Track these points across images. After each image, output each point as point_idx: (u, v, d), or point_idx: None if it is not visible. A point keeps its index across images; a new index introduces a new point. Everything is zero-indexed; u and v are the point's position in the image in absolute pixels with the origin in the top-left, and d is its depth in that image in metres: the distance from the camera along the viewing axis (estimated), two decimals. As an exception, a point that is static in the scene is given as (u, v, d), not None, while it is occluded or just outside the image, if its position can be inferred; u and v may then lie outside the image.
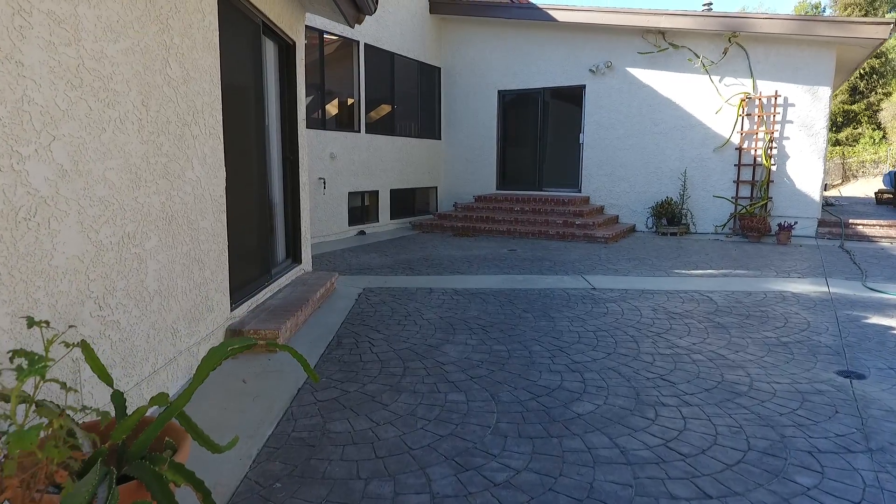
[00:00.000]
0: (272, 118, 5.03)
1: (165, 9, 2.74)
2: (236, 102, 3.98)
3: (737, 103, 9.44)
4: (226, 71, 3.62)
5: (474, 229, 10.07)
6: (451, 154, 12.25)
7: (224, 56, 3.54)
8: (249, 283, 4.13)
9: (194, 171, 3.06)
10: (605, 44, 10.36)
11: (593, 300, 5.11)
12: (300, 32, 5.25)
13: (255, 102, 4.33)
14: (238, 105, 4.03)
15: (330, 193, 9.19)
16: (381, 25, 10.04)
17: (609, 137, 10.58)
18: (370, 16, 5.28)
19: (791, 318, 4.56)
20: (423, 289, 5.55)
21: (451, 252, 8.06)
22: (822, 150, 8.99)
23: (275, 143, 5.09)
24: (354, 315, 4.59)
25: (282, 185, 5.25)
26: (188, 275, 3.01)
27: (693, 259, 7.34)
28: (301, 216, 5.45)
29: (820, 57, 8.84)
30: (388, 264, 7.07)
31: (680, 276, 6.23)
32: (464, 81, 11.91)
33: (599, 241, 8.97)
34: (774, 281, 5.98)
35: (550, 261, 7.26)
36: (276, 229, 5.09)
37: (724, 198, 9.66)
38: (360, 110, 9.80)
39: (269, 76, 4.92)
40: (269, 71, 4.88)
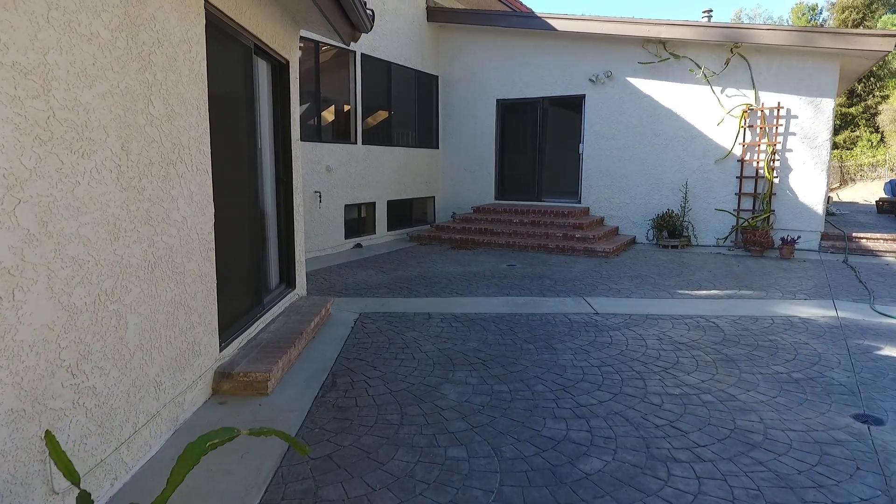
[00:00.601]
0: (265, 140, 4.87)
1: (148, 44, 2.57)
2: (227, 130, 3.82)
3: (739, 115, 9.31)
4: (215, 100, 3.46)
5: (473, 242, 9.92)
6: (449, 164, 12.09)
7: (213, 85, 3.38)
8: (240, 318, 3.96)
9: (180, 211, 2.89)
10: (604, 53, 10.22)
11: (596, 328, 4.96)
12: (294, 51, 5.09)
13: (247, 128, 4.17)
14: (229, 133, 3.86)
15: (326, 207, 9.02)
16: (377, 34, 9.88)
17: (609, 148, 10.44)
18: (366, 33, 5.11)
19: (801, 348, 4.42)
20: (421, 314, 5.40)
21: (450, 268, 7.91)
22: (825, 162, 8.87)
23: (268, 165, 4.92)
24: (350, 347, 4.43)
25: (275, 209, 5.09)
26: (173, 322, 2.84)
27: (696, 277, 7.20)
28: (295, 239, 5.29)
29: (823, 68, 8.71)
30: (386, 283, 6.91)
31: (684, 298, 6.08)
32: (462, 90, 11.75)
33: (600, 255, 8.83)
34: (781, 303, 5.84)
35: (551, 279, 7.11)
36: (269, 256, 4.93)
37: (727, 211, 9.53)
38: (356, 121, 9.64)
39: (262, 97, 4.76)
40: (261, 92, 4.72)
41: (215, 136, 3.52)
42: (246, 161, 4.18)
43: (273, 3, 4.34)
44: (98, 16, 2.19)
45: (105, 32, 2.23)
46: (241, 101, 4.06)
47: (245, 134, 4.14)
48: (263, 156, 4.84)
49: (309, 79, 8.65)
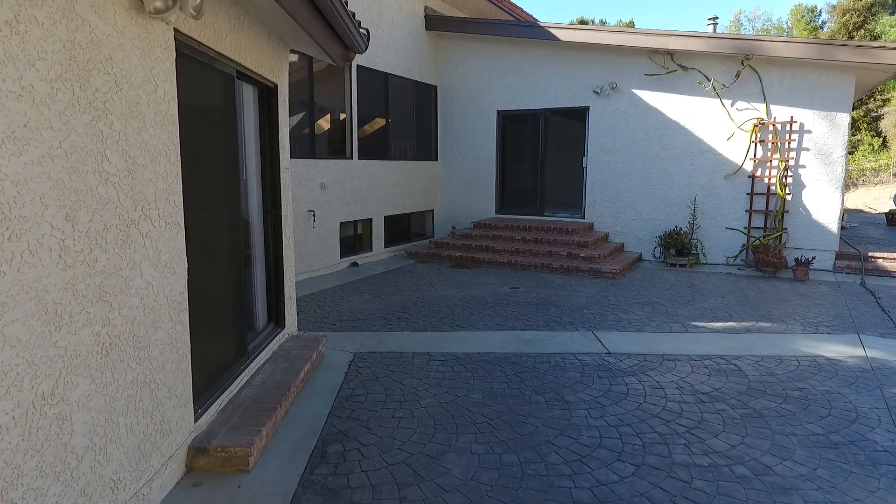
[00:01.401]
0: (252, 170, 4.50)
1: (102, 90, 2.20)
2: (206, 168, 3.45)
3: (749, 129, 8.96)
4: (192, 136, 3.09)
5: (473, 260, 9.56)
6: (449, 176, 11.73)
7: (187, 123, 3.01)
8: (222, 375, 3.59)
9: (144, 277, 2.52)
10: (609, 64, 9.86)
11: (610, 372, 4.59)
12: (283, 73, 4.72)
13: (229, 162, 3.79)
14: (208, 170, 3.49)
15: (320, 226, 8.65)
16: (374, 45, 9.50)
17: (614, 162, 10.09)
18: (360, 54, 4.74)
19: (834, 400, 4.06)
20: (421, 354, 5.02)
21: (449, 291, 7.54)
22: (840, 179, 8.52)
23: (255, 198, 4.55)
24: (343, 400, 4.06)
25: (263, 244, 4.72)
26: (135, 406, 2.47)
27: (709, 304, 6.84)
28: (285, 275, 4.91)
29: (838, 82, 8.37)
30: (382, 311, 6.54)
31: (699, 332, 5.72)
32: (461, 101, 11.39)
33: (606, 276, 8.47)
34: (803, 339, 5.47)
35: (556, 306, 6.75)
36: (255, 296, 4.56)
37: (738, 229, 9.17)
38: (352, 136, 9.27)
39: (248, 124, 4.39)
40: (246, 119, 4.35)
41: (193, 175, 3.16)
42: (228, 198, 3.81)
43: (258, 25, 3.97)
44: (31, 66, 1.81)
45: (42, 85, 1.86)
46: (222, 134, 3.69)
47: (227, 169, 3.76)
48: (250, 188, 4.48)
49: (302, 93, 8.27)
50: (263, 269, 4.74)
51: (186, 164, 3.10)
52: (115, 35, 2.28)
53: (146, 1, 2.39)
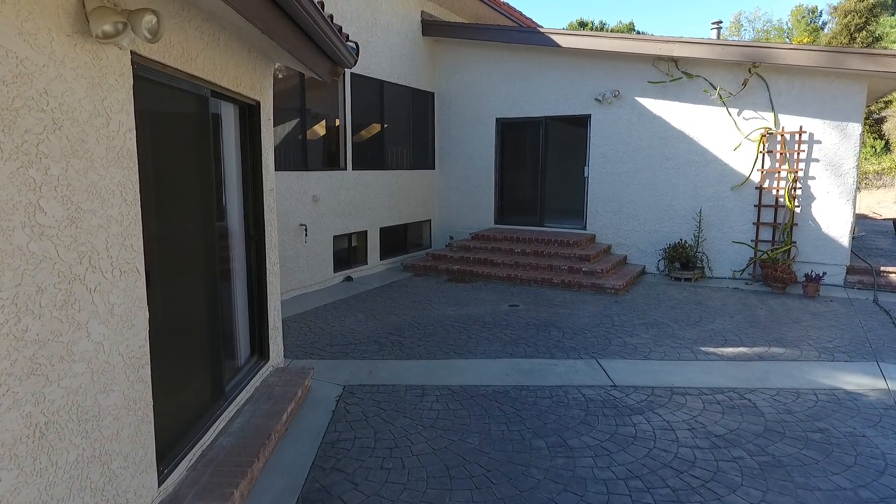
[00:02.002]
0: (232, 194, 4.20)
1: (34, 132, 1.89)
2: (175, 199, 3.15)
3: (757, 139, 8.66)
4: (157, 170, 2.79)
5: (471, 273, 9.25)
6: (446, 185, 11.42)
7: (152, 153, 2.71)
8: (193, 427, 3.28)
9: (91, 338, 2.21)
10: (612, 71, 9.56)
11: (616, 410, 4.29)
12: (266, 90, 4.41)
13: (204, 188, 3.49)
14: (178, 201, 3.19)
15: (313, 240, 8.34)
16: (369, 52, 9.20)
17: (616, 171, 9.79)
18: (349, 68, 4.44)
19: (859, 445, 3.76)
20: (414, 388, 4.72)
21: (446, 310, 7.23)
22: (852, 191, 8.22)
23: (236, 223, 4.25)
24: (328, 446, 3.75)
25: (245, 273, 4.41)
26: (81, 487, 2.16)
27: (717, 325, 6.54)
28: (269, 304, 4.61)
29: (849, 90, 8.07)
30: (375, 334, 6.23)
31: (709, 360, 5.41)
32: (459, 108, 11.09)
33: (609, 292, 8.17)
34: (819, 368, 5.17)
35: (558, 328, 6.44)
36: (237, 329, 4.25)
37: (745, 244, 8.87)
38: (346, 146, 8.96)
39: (228, 146, 4.09)
40: (226, 140, 4.04)
41: (161, 208, 2.86)
42: (203, 227, 3.50)
43: (236, 41, 3.66)
44: (-68, 112, 1.51)
45: (-53, 133, 1.56)
46: (195, 160, 3.38)
47: (202, 196, 3.46)
48: (230, 213, 4.17)
49: (294, 103, 7.97)
50: (246, 300, 4.44)
51: (154, 196, 2.80)
52: (53, 66, 1.98)
53: (92, 25, 2.09)
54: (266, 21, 2.86)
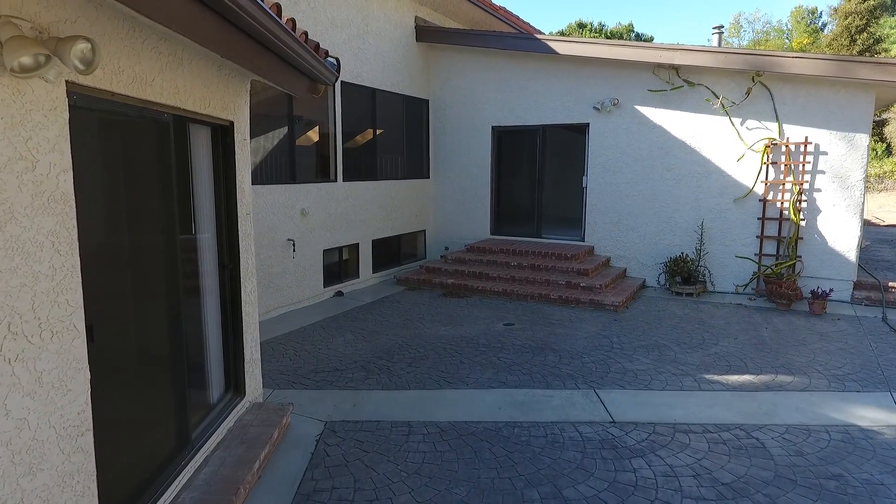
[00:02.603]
0: (204, 221, 3.91)
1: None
2: (129, 233, 2.86)
3: (761, 150, 8.38)
4: (103, 209, 2.51)
5: (466, 288, 8.97)
6: (441, 194, 11.14)
7: (98, 191, 2.42)
8: (151, 485, 2.99)
9: (12, 415, 1.93)
10: (610, 79, 9.28)
11: (615, 451, 4.00)
12: (240, 108, 4.13)
13: (166, 218, 3.21)
14: (133, 235, 2.90)
15: (301, 255, 8.05)
16: (360, 60, 8.92)
17: (615, 182, 9.51)
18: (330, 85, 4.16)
19: (878, 495, 3.47)
20: (400, 425, 4.43)
21: (438, 329, 6.95)
22: (859, 204, 7.94)
23: (208, 252, 3.97)
24: (303, 499, 3.46)
25: (219, 303, 4.13)
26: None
27: (721, 348, 6.26)
28: (245, 336, 4.32)
29: (856, 100, 7.79)
30: (363, 358, 5.94)
31: (713, 390, 5.13)
32: (455, 115, 10.80)
33: (608, 309, 7.89)
34: (830, 399, 4.89)
35: (555, 351, 6.16)
36: (208, 365, 3.97)
37: (749, 258, 8.58)
38: (336, 157, 8.67)
39: (198, 170, 3.80)
40: (196, 165, 3.76)
41: (113, 245, 2.58)
42: (166, 263, 3.22)
43: (202, 59, 3.37)
44: None
45: None
46: (154, 190, 3.10)
47: (164, 226, 3.18)
48: (201, 242, 3.89)
49: (280, 114, 7.69)
50: (219, 333, 4.15)
51: (104, 234, 2.52)
52: (-45, 107, 1.69)
53: (6, 58, 1.80)
54: (221, 44, 2.58)
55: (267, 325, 7.21)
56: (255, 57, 2.88)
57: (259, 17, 2.43)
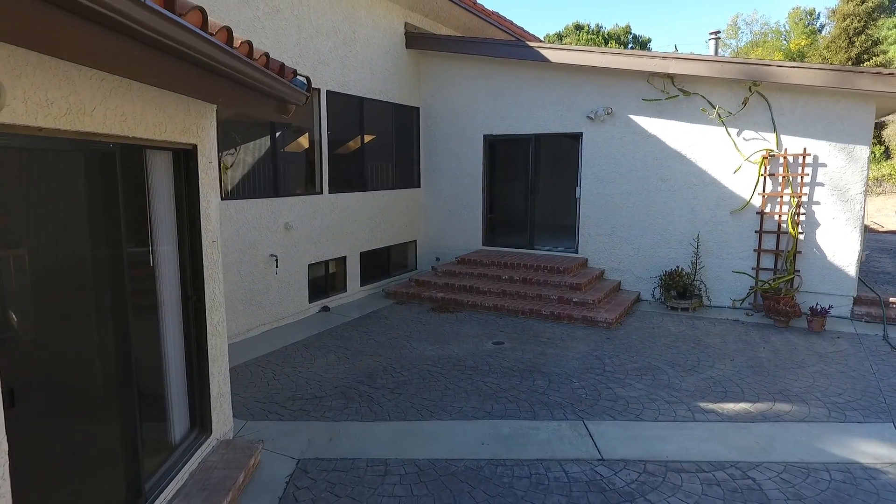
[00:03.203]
0: (165, 250, 3.67)
1: None
2: (65, 272, 2.62)
3: (758, 161, 8.15)
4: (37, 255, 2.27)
5: (456, 302, 8.73)
6: (432, 204, 10.90)
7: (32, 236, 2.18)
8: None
9: None
10: (604, 88, 9.05)
11: (603, 496, 3.76)
12: (206, 129, 3.88)
13: (114, 254, 2.96)
14: (71, 274, 2.67)
15: (285, 270, 7.81)
16: (346, 68, 8.68)
17: (609, 193, 9.27)
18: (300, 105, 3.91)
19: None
20: (377, 463, 4.18)
21: (425, 349, 6.71)
22: (859, 218, 7.72)
23: (168, 283, 3.72)
24: (266, 554, 3.23)
25: (182, 337, 3.88)
26: None
27: (717, 371, 6.02)
28: (211, 370, 4.08)
29: (856, 111, 7.57)
30: (344, 382, 5.70)
31: (708, 421, 4.89)
32: (445, 124, 10.57)
33: (601, 326, 7.65)
34: (830, 432, 4.66)
35: (544, 374, 5.92)
36: (169, 403, 3.73)
37: (745, 273, 8.36)
38: (321, 168, 8.43)
39: (159, 197, 3.57)
40: (156, 191, 3.53)
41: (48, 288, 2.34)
42: (115, 295, 2.98)
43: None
44: None
45: None
46: (99, 224, 2.86)
47: (110, 261, 2.94)
48: (161, 273, 3.65)
49: (262, 124, 7.44)
50: (183, 368, 3.91)
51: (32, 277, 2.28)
52: None
53: None
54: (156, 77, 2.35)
55: (248, 344, 6.97)
56: (204, 86, 2.64)
57: (200, 48, 2.19)
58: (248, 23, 6.96)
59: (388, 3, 9.54)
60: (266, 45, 7.20)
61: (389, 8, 9.59)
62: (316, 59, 8.07)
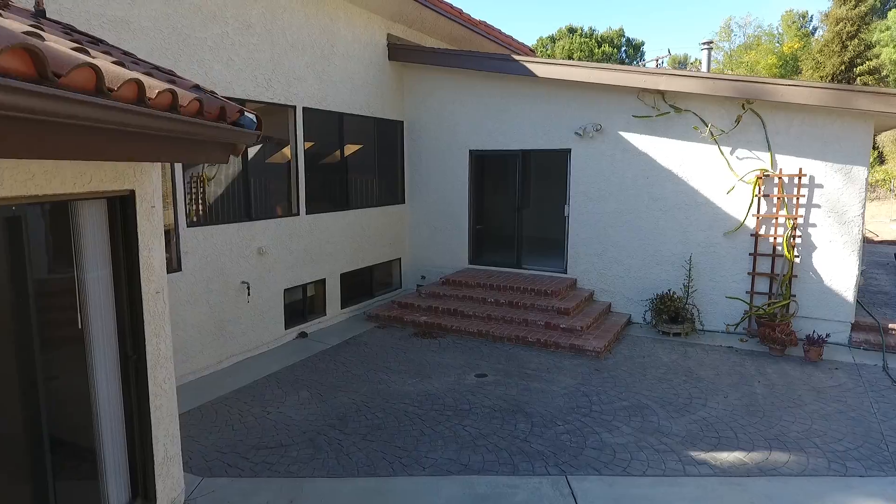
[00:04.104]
0: (100, 305, 3.31)
1: None
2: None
3: (752, 181, 7.84)
4: None
5: (439, 327, 8.38)
6: (417, 221, 10.54)
7: None
8: None
9: None
10: (593, 103, 8.73)
11: (584, 576, 3.42)
12: (146, 172, 3.51)
13: (20, 318, 2.60)
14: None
15: (259, 297, 7.43)
16: (324, 83, 8.31)
17: (599, 212, 8.95)
18: (251, 145, 3.55)
19: None
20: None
21: (405, 383, 6.36)
22: (857, 241, 7.42)
23: (102, 342, 3.36)
24: None
25: (121, 400, 3.52)
26: None
27: (710, 411, 5.69)
28: (155, 433, 3.71)
29: (854, 130, 7.27)
30: (314, 428, 5.33)
31: (700, 476, 4.54)
32: (431, 138, 10.22)
33: (589, 355, 7.32)
34: (831, 491, 4.33)
35: (527, 415, 5.58)
36: (103, 470, 3.36)
37: (740, 299, 8.04)
38: (298, 188, 8.06)
39: (92, 249, 3.21)
40: (88, 243, 3.17)
41: None
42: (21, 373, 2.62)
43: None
44: None
45: None
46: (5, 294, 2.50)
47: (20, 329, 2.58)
48: (92, 334, 3.29)
49: (233, 146, 7.05)
50: (123, 435, 3.54)
51: None
52: None
53: None
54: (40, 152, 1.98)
55: (217, 378, 6.60)
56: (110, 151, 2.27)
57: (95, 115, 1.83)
58: (217, 39, 6.59)
59: (370, 14, 9.18)
60: (236, 62, 6.84)
61: (371, 20, 9.24)
62: (291, 76, 7.70)
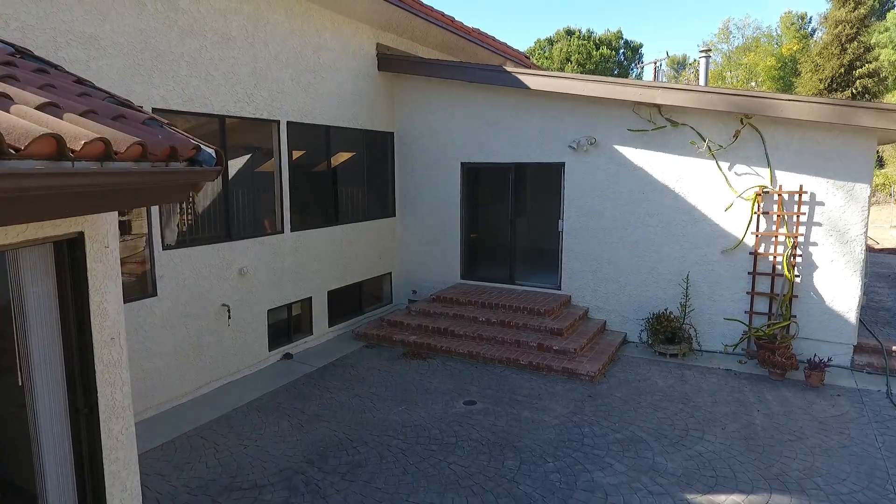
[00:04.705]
0: (45, 359, 3.06)
1: None
2: None
3: (751, 198, 7.59)
4: None
5: (429, 347, 8.12)
6: (408, 234, 10.29)
7: None
8: None
9: None
10: (588, 117, 8.48)
11: None
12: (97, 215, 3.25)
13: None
14: None
15: (240, 319, 7.17)
16: (310, 96, 8.05)
17: (594, 227, 8.70)
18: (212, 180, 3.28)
19: None
20: None
21: (390, 412, 6.11)
22: (860, 261, 7.17)
23: (48, 395, 3.11)
24: None
25: (71, 458, 3.26)
26: None
27: (706, 445, 5.44)
28: (110, 490, 3.44)
29: (856, 146, 7.02)
30: (291, 467, 5.08)
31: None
32: (421, 150, 9.96)
33: (583, 379, 7.07)
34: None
35: (515, 450, 5.32)
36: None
37: (738, 320, 7.79)
38: (282, 205, 7.80)
39: (35, 297, 2.95)
40: (30, 290, 2.91)
41: None
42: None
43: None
44: None
45: None
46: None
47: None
48: (35, 387, 3.03)
49: (213, 163, 6.79)
50: (73, 493, 3.29)
51: None
52: None
53: None
54: None
55: (194, 406, 6.35)
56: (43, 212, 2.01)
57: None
58: (194, 54, 6.33)
59: (358, 24, 8.92)
60: (215, 76, 6.58)
61: (359, 29, 8.98)
62: (275, 89, 7.45)
